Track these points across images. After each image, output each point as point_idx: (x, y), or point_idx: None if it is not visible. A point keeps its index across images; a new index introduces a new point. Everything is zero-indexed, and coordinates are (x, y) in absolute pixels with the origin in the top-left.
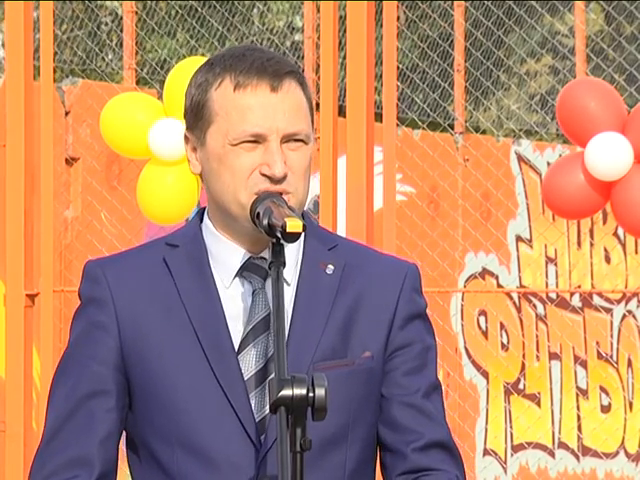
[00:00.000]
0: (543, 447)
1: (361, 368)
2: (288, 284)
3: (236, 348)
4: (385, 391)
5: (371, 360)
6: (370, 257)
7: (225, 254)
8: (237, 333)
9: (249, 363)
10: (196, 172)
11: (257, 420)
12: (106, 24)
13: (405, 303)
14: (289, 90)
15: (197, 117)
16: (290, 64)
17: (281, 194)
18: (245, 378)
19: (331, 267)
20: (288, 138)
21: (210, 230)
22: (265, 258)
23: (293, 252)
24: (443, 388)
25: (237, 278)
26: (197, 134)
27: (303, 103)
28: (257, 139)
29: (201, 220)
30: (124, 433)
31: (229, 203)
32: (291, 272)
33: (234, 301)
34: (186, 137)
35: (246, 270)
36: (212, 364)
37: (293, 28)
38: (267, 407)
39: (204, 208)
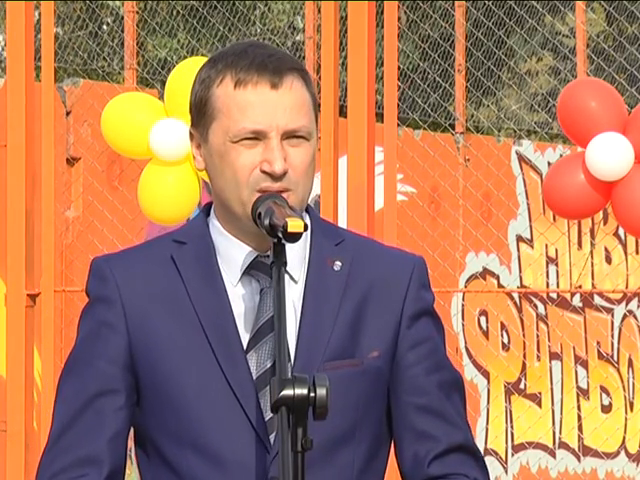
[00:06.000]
0: (544, 447)
1: (369, 368)
2: (295, 282)
3: (244, 347)
4: (400, 394)
5: (378, 359)
6: (377, 252)
7: (232, 252)
8: (245, 332)
9: (257, 362)
10: (200, 168)
11: (266, 420)
12: (107, 24)
13: (412, 301)
14: (291, 87)
15: (200, 114)
16: (292, 60)
17: (282, 192)
18: (254, 377)
19: (338, 263)
20: (289, 135)
21: (217, 228)
22: None
23: (300, 249)
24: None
25: (244, 276)
26: (200, 131)
27: (305, 99)
28: (257, 136)
29: (207, 216)
30: (132, 431)
31: (231, 200)
32: (299, 270)
33: (242, 299)
34: (191, 134)
35: (253, 269)
36: (221, 363)
37: (294, 28)
38: None
39: (210, 204)
